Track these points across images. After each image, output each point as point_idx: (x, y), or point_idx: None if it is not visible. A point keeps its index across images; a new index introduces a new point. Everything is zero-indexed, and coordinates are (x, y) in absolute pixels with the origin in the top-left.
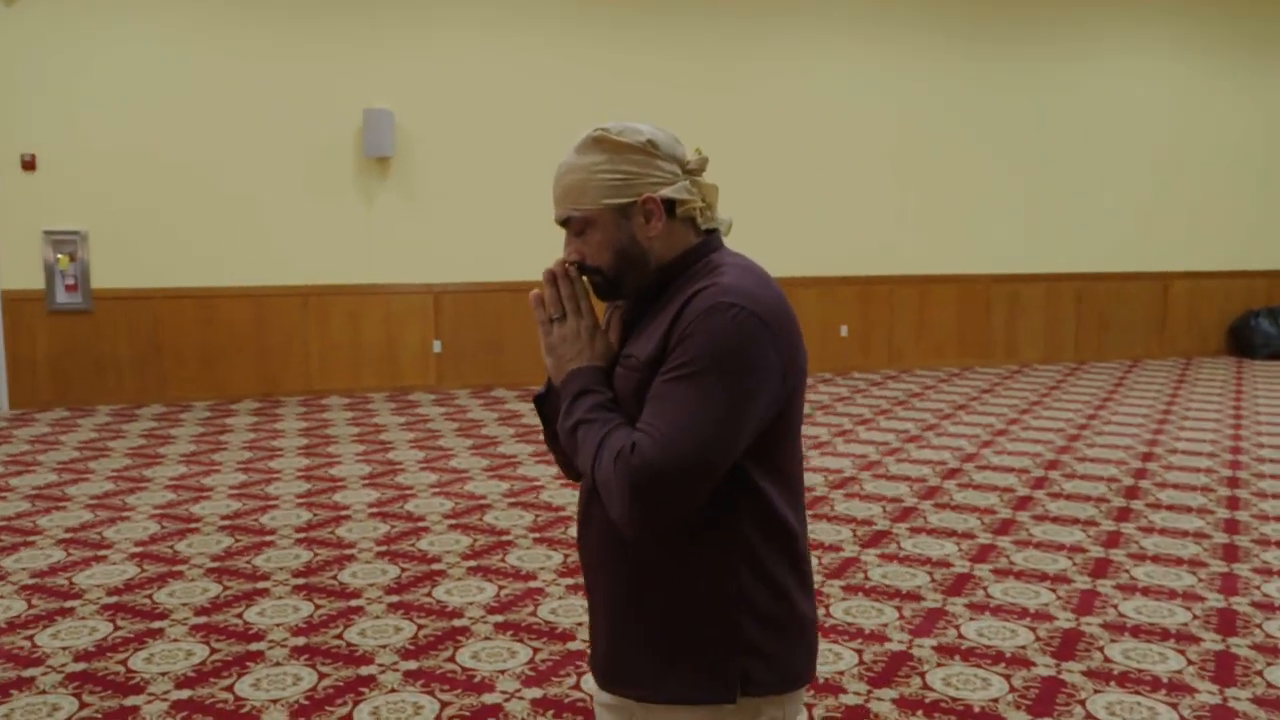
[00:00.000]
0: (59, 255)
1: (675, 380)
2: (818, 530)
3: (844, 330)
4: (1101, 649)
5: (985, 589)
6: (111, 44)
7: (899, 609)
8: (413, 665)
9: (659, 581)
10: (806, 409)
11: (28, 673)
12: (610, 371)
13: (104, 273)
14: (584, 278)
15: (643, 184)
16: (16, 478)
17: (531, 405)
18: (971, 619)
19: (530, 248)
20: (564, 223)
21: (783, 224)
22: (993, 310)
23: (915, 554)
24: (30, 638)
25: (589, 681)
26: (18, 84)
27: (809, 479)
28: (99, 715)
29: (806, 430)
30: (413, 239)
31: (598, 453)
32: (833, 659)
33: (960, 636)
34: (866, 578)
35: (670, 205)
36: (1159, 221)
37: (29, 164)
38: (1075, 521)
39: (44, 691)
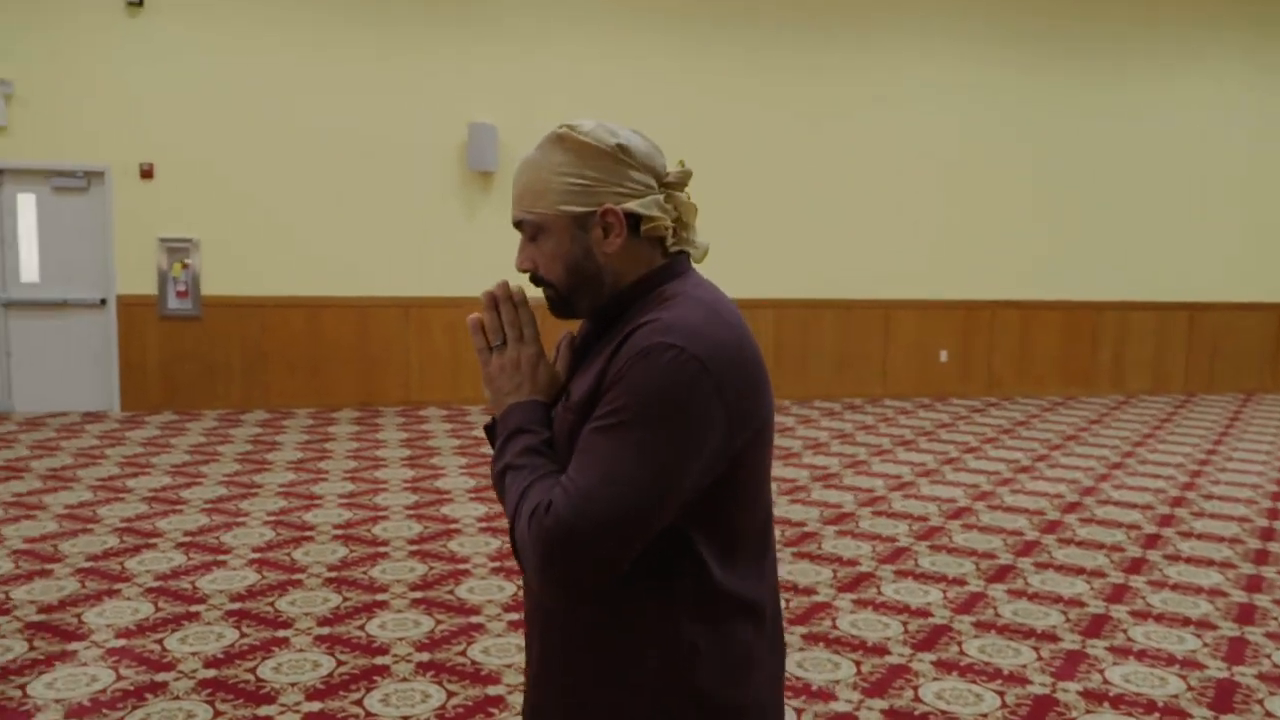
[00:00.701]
0: (172, 262)
1: (600, 430)
2: (939, 562)
3: (943, 355)
4: (1260, 701)
5: (1125, 632)
6: (228, 56)
7: (1036, 649)
8: None
9: (583, 652)
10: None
11: (160, 677)
12: (551, 407)
13: (214, 280)
14: (528, 301)
15: (606, 193)
16: (133, 479)
17: None
18: (1115, 663)
19: None
20: (518, 225)
21: (882, 245)
22: (1099, 338)
23: (1045, 591)
24: (160, 641)
25: None
26: (140, 94)
27: (923, 507)
28: None
29: (915, 457)
30: (512, 253)
31: (518, 505)
32: (973, 700)
33: (1106, 681)
34: (997, 614)
35: (635, 220)
36: (1276, 248)
37: (147, 173)
38: (1211, 563)
39: (178, 697)
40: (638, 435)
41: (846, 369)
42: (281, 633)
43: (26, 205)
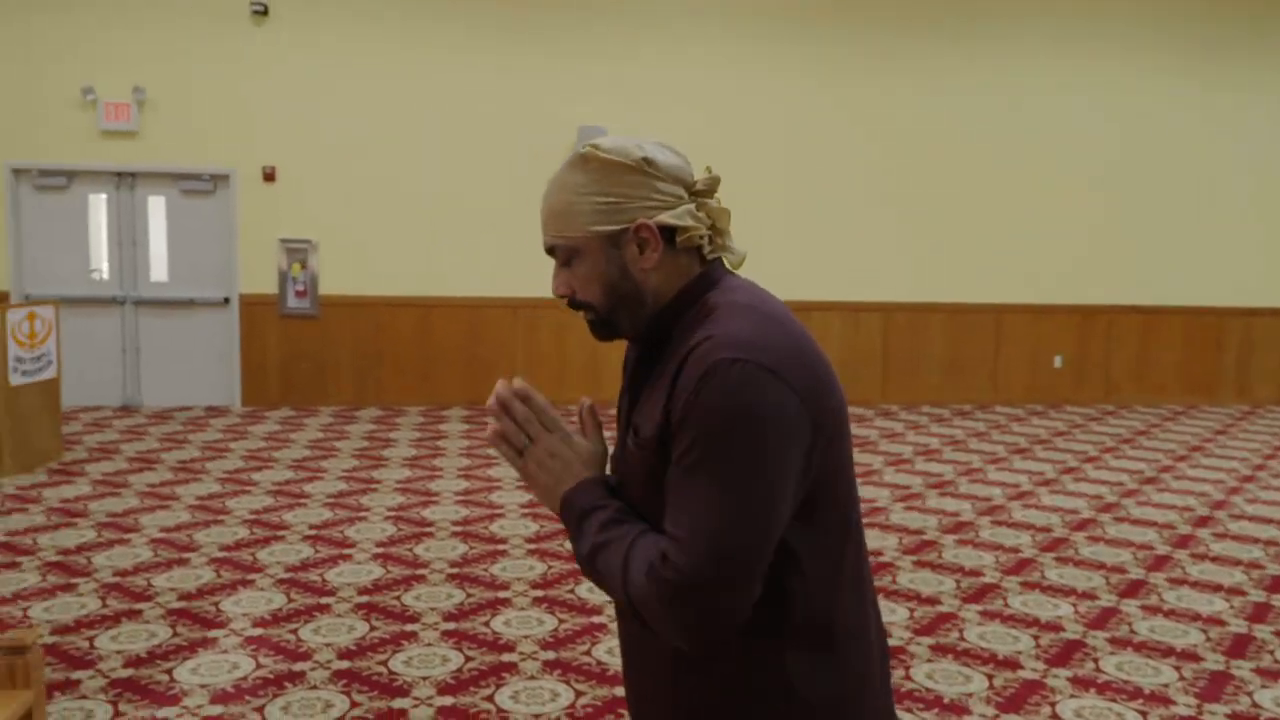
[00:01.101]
0: (291, 263)
1: (690, 470)
2: (1066, 575)
3: (1058, 361)
4: None
5: (1272, 653)
6: (346, 63)
7: (1177, 668)
8: None
9: (692, 691)
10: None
11: (297, 666)
12: (605, 475)
13: (331, 280)
14: (530, 392)
15: (637, 208)
16: (257, 473)
17: None
18: (1264, 685)
19: (742, 268)
20: (550, 251)
21: (993, 247)
22: (1224, 345)
23: (1181, 608)
24: (294, 631)
25: None
26: (264, 99)
27: (1045, 517)
28: (369, 715)
29: (1033, 466)
30: None
31: (625, 572)
32: (1113, 718)
33: (1255, 705)
34: (1133, 630)
35: (670, 233)
36: None
37: (269, 175)
38: None
39: (315, 686)
40: (726, 467)
41: (956, 374)
42: (409, 626)
43: (157, 208)
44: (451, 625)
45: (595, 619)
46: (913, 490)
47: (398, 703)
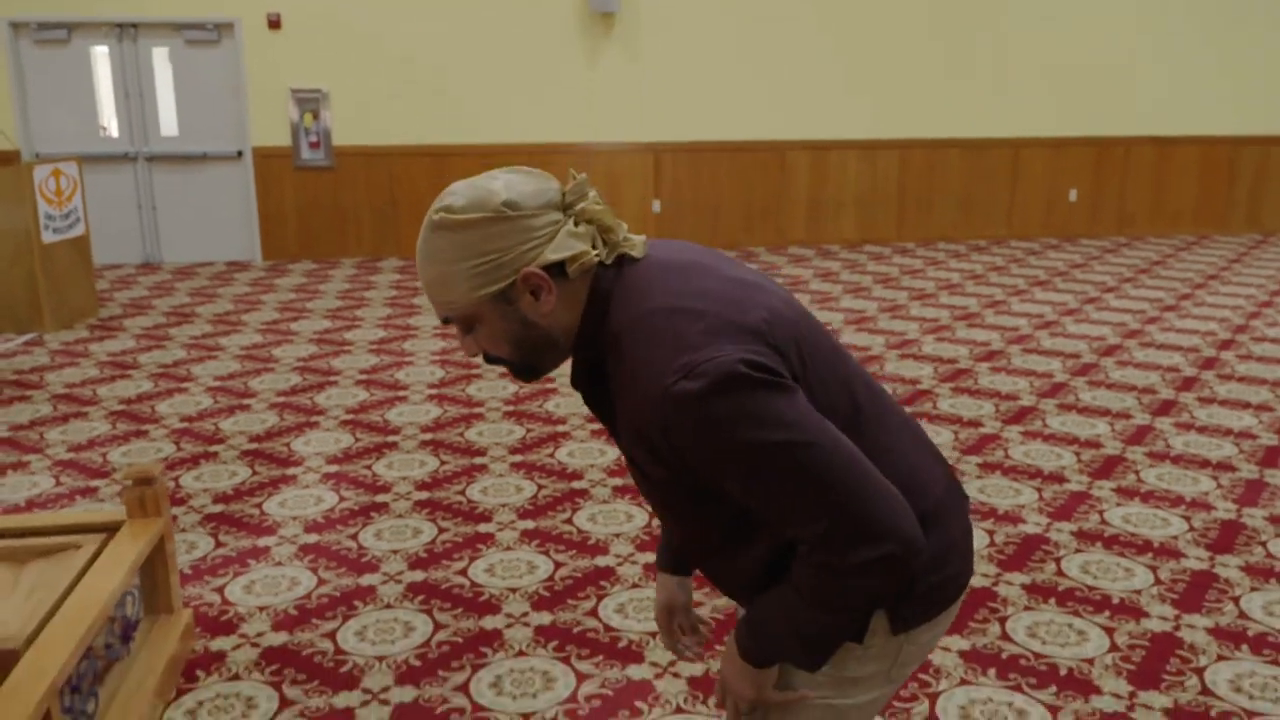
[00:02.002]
0: (303, 114)
1: (751, 484)
2: (1100, 396)
3: (1073, 194)
4: None
5: None
6: None
7: (1215, 478)
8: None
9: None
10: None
11: (379, 498)
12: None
13: (345, 131)
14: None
15: (516, 257)
16: (294, 323)
17: None
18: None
19: (754, 107)
20: (445, 321)
21: (1013, 79)
22: (1237, 175)
23: (1213, 424)
24: (369, 467)
25: None
26: None
27: (1073, 345)
28: (458, 539)
29: (1054, 297)
30: (634, 97)
31: (823, 608)
32: (1160, 524)
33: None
34: (1168, 445)
35: (559, 267)
36: None
37: (275, 23)
38: None
39: (400, 515)
40: (768, 456)
41: (972, 210)
42: (479, 460)
43: (161, 59)
44: (518, 458)
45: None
46: (941, 322)
47: (482, 527)
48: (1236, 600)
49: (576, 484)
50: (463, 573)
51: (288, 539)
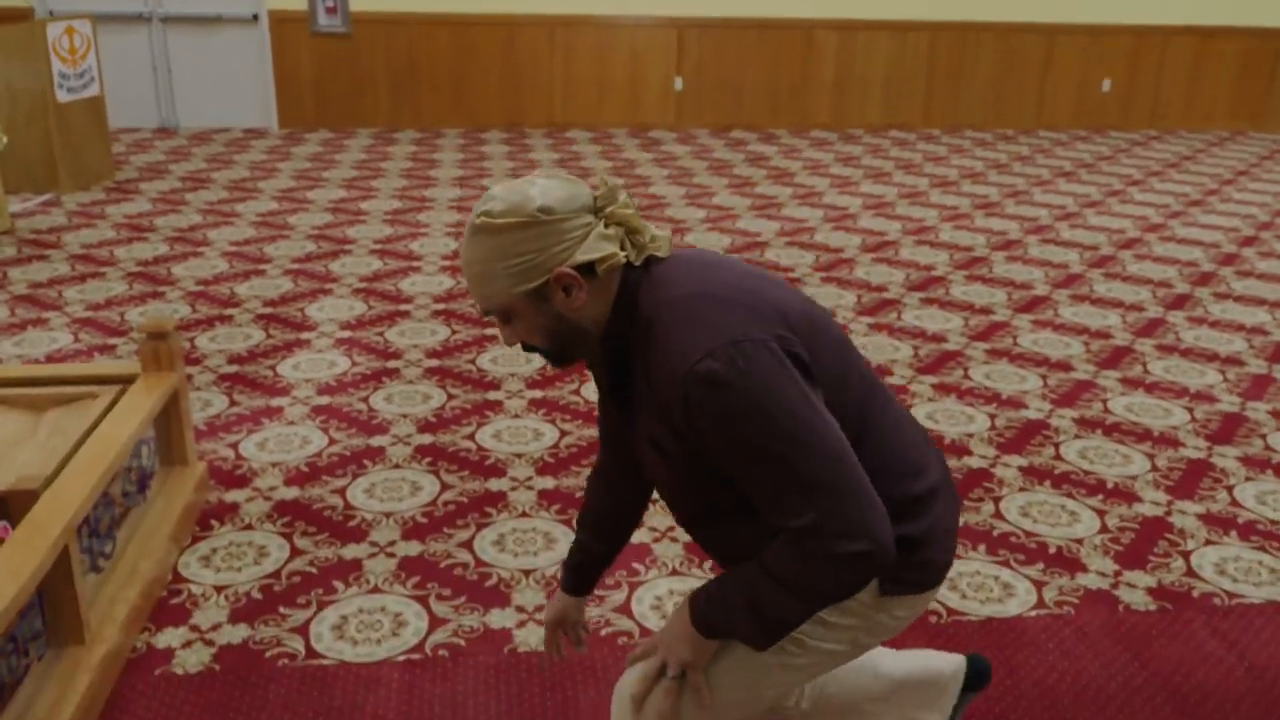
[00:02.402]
0: None
1: (753, 467)
2: (1114, 288)
3: (1106, 85)
4: None
5: None
6: None
7: (1222, 372)
8: None
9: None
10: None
11: (390, 364)
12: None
13: None
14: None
15: (550, 258)
16: (310, 191)
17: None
18: None
19: None
20: (486, 314)
21: None
22: (1276, 70)
23: (1226, 319)
24: (381, 334)
25: (919, 414)
26: None
27: (1092, 237)
28: (467, 405)
29: (1078, 189)
30: None
31: (790, 587)
32: (1162, 414)
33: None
34: (1179, 338)
35: (589, 266)
36: None
37: None
38: None
39: (411, 381)
40: (774, 440)
41: (1001, 98)
42: (489, 331)
43: None
44: None
45: None
46: (960, 210)
47: (490, 395)
48: (1230, 489)
49: None
50: (470, 437)
51: (300, 400)
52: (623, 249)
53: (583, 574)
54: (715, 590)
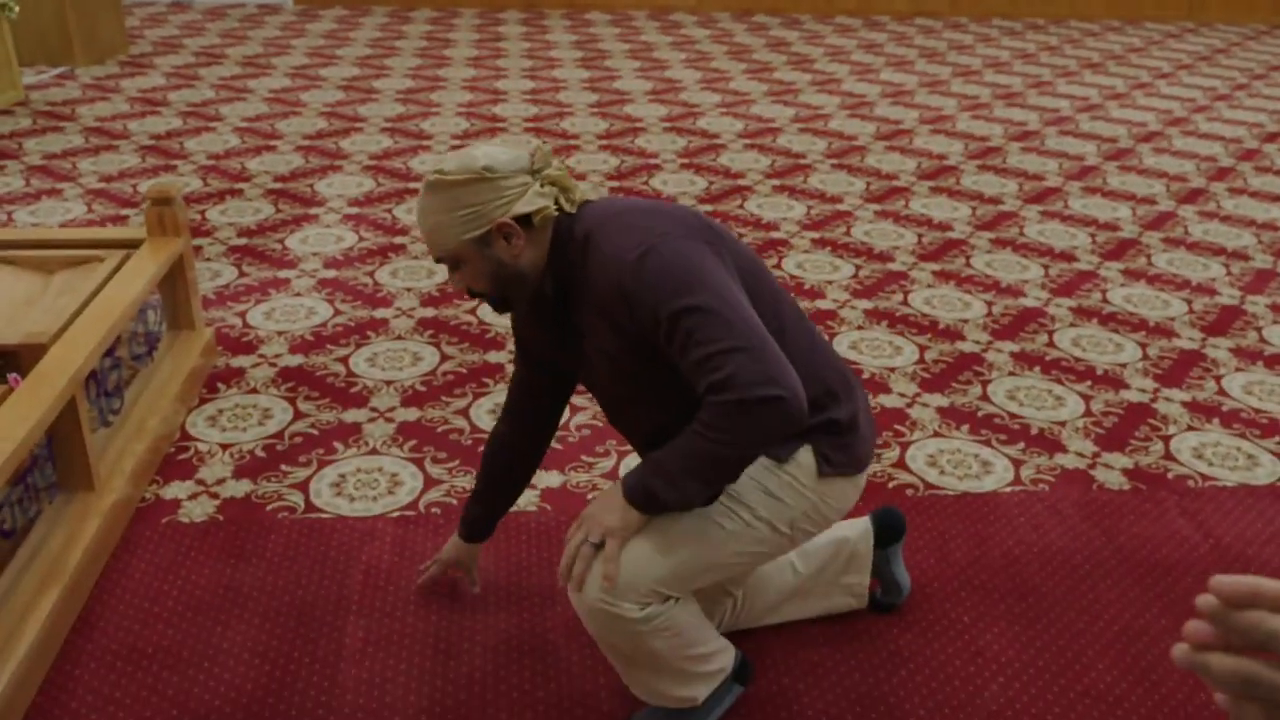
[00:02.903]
0: None
1: (684, 338)
2: (1128, 181)
3: None
4: None
5: None
6: None
7: (1226, 266)
8: None
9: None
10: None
11: (397, 240)
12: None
13: None
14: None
15: (492, 210)
16: (323, 69)
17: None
18: None
19: None
20: (438, 260)
21: None
22: None
23: (1238, 214)
24: (389, 211)
25: (917, 299)
26: None
27: (1111, 129)
28: None
29: (1104, 80)
30: None
31: (720, 442)
32: (1160, 305)
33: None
34: (1187, 232)
35: (526, 219)
36: None
37: None
38: None
39: (416, 257)
40: (699, 311)
41: None
42: None
43: None
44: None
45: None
46: (980, 100)
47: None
48: (1219, 379)
49: None
50: (472, 312)
51: (307, 273)
52: (556, 205)
53: (478, 525)
54: (654, 457)
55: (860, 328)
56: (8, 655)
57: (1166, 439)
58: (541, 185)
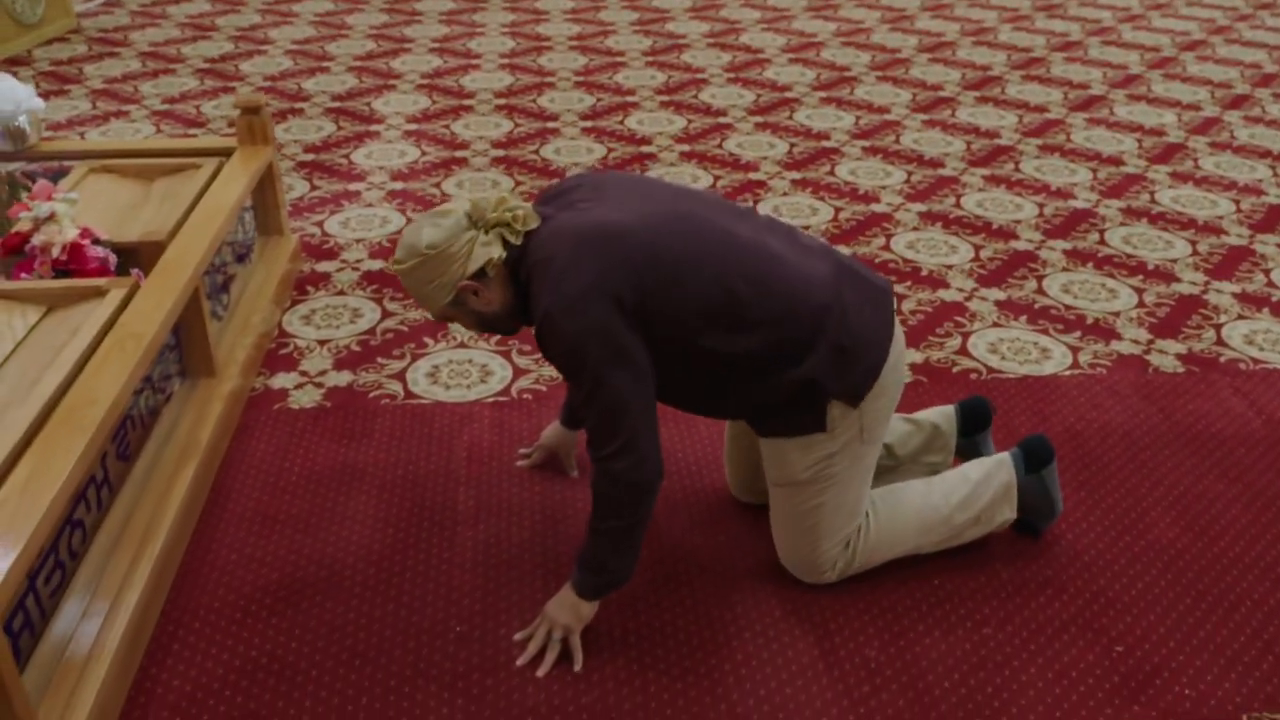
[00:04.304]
0: None
1: (577, 393)
2: (1174, 89)
3: None
4: None
5: None
6: None
7: (1272, 168)
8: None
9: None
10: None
11: (458, 154)
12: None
13: None
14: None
15: (451, 277)
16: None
17: None
18: None
19: None
20: (436, 319)
21: None
22: None
23: (1252, 145)
24: (447, 126)
25: (969, 202)
26: None
27: (1156, 39)
28: (534, 191)
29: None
30: None
31: (618, 514)
32: (1208, 205)
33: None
34: (1233, 136)
35: (481, 272)
36: None
37: None
38: None
39: (479, 169)
40: (585, 387)
41: None
42: (550, 124)
43: None
44: (589, 123)
45: (722, 120)
46: (1022, 12)
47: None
48: (1268, 272)
49: (645, 148)
50: None
51: (376, 185)
52: (504, 244)
53: (579, 414)
54: (579, 564)
55: (915, 229)
56: (161, 517)
57: (1218, 327)
58: (486, 233)
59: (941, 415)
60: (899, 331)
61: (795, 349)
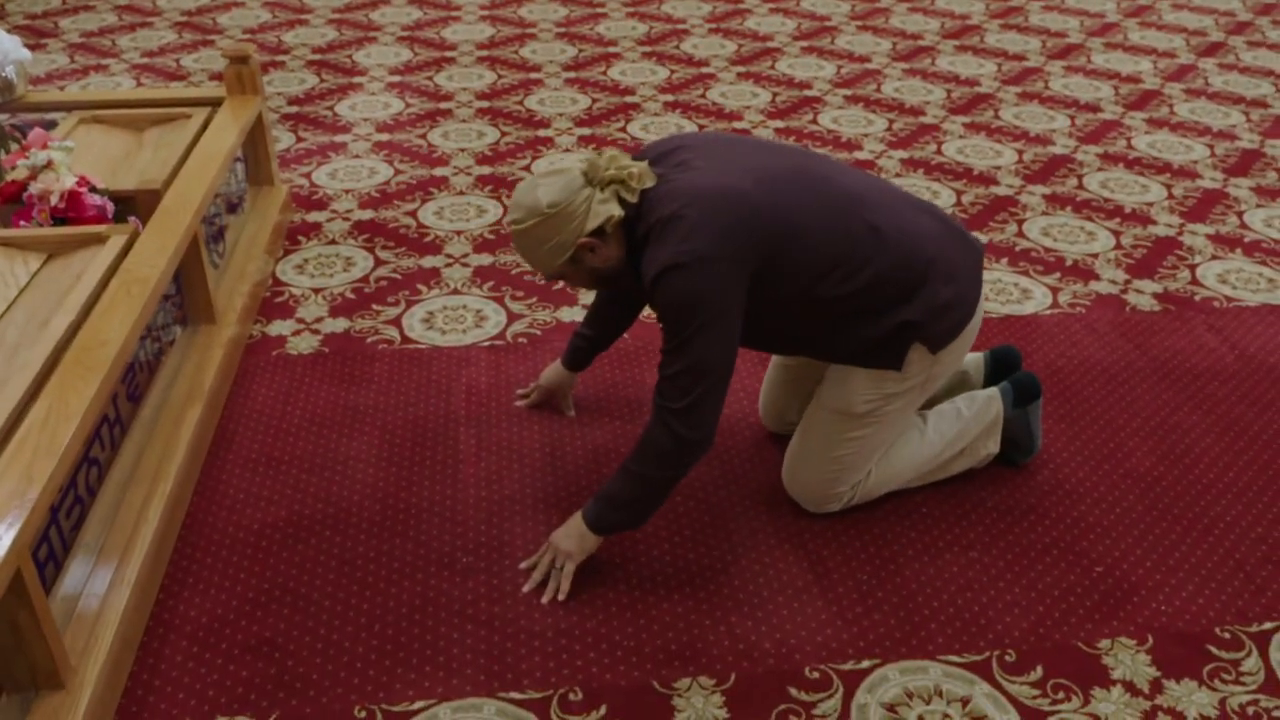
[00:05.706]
0: None
1: (667, 343)
2: (1149, 37)
3: None
4: None
5: None
6: None
7: (1246, 114)
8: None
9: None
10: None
11: (443, 105)
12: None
13: None
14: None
15: (569, 235)
16: None
17: None
18: None
19: None
20: (548, 279)
21: None
22: None
23: (1257, 65)
24: (430, 78)
25: (950, 149)
26: None
27: (1101, 3)
28: (520, 141)
29: None
30: None
31: (652, 469)
32: (1183, 150)
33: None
34: (1207, 83)
35: (600, 230)
36: None
37: None
38: None
39: (464, 120)
40: (690, 336)
41: None
42: (534, 75)
43: None
44: (572, 74)
45: (704, 70)
46: None
47: (541, 132)
48: (1241, 214)
49: (629, 98)
50: (527, 169)
51: (362, 136)
52: (621, 201)
53: (580, 355)
54: (601, 496)
55: (898, 175)
56: (171, 456)
57: (1193, 267)
58: (602, 191)
59: (970, 362)
60: (983, 291)
61: (901, 295)
